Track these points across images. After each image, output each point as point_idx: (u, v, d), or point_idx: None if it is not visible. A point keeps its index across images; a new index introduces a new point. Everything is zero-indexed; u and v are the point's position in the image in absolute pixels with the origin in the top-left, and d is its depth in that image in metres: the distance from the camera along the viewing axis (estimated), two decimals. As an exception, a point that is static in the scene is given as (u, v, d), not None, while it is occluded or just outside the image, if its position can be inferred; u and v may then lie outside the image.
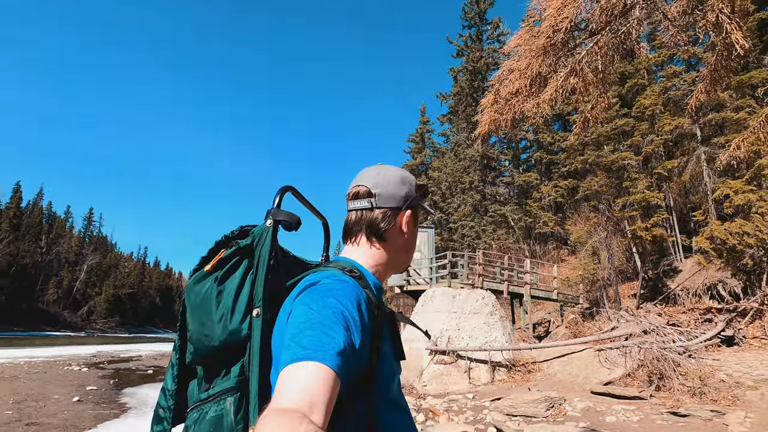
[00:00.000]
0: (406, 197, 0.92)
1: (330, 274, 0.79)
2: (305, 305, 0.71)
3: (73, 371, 14.21)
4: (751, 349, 9.23)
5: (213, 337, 0.78)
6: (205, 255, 0.87)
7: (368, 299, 0.79)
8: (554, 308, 16.47)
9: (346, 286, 0.76)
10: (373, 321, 0.77)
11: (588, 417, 7.21)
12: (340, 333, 0.66)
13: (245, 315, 0.78)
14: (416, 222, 0.96)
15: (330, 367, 0.61)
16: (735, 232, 10.32)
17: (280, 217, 0.83)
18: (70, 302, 60.83)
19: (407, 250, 0.96)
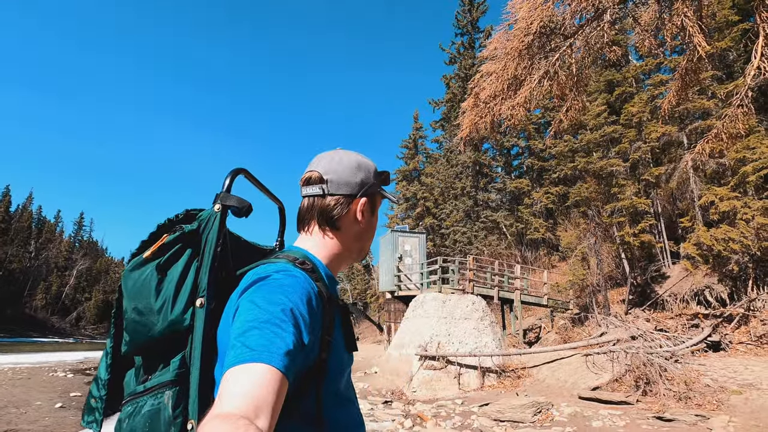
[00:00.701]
0: (361, 184, 0.88)
1: (280, 268, 0.76)
2: (252, 302, 0.68)
3: (58, 377, 13.98)
4: (736, 354, 9.30)
5: (151, 327, 0.74)
6: (145, 239, 0.81)
7: (319, 293, 0.76)
8: (545, 314, 16.51)
9: (296, 281, 0.73)
10: (324, 315, 0.75)
11: (574, 422, 7.21)
12: (289, 332, 0.64)
13: (188, 305, 0.74)
14: (373, 210, 0.93)
15: (278, 369, 0.59)
16: (720, 239, 10.45)
17: (230, 203, 0.78)
18: (59, 308, 59.97)
19: (363, 239, 0.92)
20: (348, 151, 0.91)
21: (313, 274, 0.79)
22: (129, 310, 0.76)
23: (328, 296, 0.79)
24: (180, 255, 0.77)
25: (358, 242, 0.92)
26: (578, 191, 15.04)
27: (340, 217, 0.87)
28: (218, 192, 0.81)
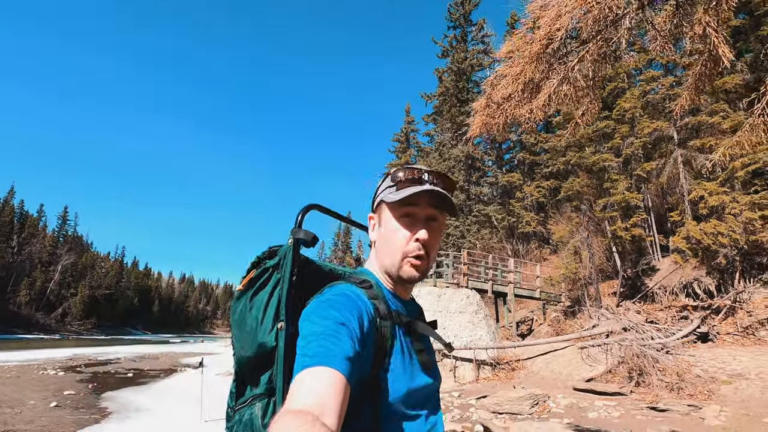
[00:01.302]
0: (372, 200, 0.97)
1: (336, 289, 0.83)
2: (309, 320, 0.76)
3: (49, 375, 13.78)
4: (724, 345, 9.59)
5: (247, 349, 0.86)
6: (244, 275, 0.94)
7: (375, 310, 0.83)
8: (537, 306, 16.77)
9: (348, 299, 0.80)
10: (377, 332, 0.81)
11: (571, 413, 7.37)
12: (344, 341, 0.71)
13: (272, 328, 0.84)
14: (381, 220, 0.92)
15: (339, 371, 0.65)
16: (710, 233, 10.69)
17: (299, 236, 0.88)
18: (44, 304, 58.89)
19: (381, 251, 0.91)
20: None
21: (371, 291, 0.86)
22: (234, 335, 0.92)
23: (385, 314, 0.84)
24: (264, 286, 0.90)
25: (380, 256, 0.92)
26: (571, 185, 15.21)
27: (370, 233, 0.97)
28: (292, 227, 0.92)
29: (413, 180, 0.88)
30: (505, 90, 2.99)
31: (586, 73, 2.58)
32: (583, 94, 2.70)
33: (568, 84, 2.56)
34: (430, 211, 0.88)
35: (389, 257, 0.89)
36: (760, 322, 9.82)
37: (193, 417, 7.55)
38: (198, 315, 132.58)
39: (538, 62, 2.70)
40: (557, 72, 2.57)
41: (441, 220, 0.90)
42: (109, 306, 71.64)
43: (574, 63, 2.49)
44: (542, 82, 2.78)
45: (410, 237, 0.87)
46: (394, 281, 0.91)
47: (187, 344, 42.99)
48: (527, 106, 2.76)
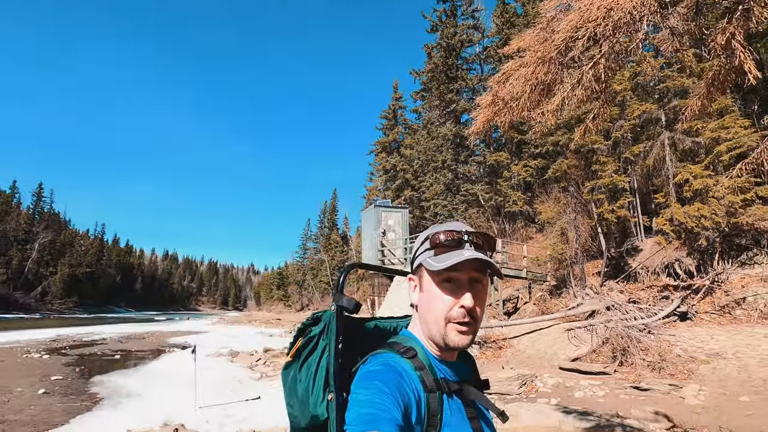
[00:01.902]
0: (411, 261, 0.94)
1: (381, 360, 0.82)
2: (355, 394, 0.76)
3: (34, 359, 13.60)
4: (702, 324, 9.98)
5: (300, 420, 0.88)
6: (291, 341, 0.95)
7: (422, 382, 0.81)
8: (523, 285, 17.13)
9: (391, 371, 0.78)
10: (426, 407, 0.79)
11: (558, 393, 7.64)
12: (392, 408, 0.70)
13: (323, 398, 0.84)
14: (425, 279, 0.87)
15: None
16: (693, 215, 10.95)
17: (341, 303, 0.87)
18: (22, 283, 57.67)
19: (424, 315, 0.87)
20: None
21: (416, 361, 0.83)
22: (287, 404, 0.91)
23: (432, 386, 0.81)
24: (311, 354, 0.89)
25: (425, 321, 0.87)
26: (559, 166, 15.30)
27: (411, 297, 0.93)
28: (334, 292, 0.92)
29: (453, 243, 0.85)
30: (514, 89, 2.90)
31: (599, 76, 2.50)
32: (596, 97, 2.63)
33: (582, 88, 2.49)
34: (474, 274, 0.84)
35: (434, 324, 0.85)
36: (737, 302, 10.24)
37: (186, 402, 7.56)
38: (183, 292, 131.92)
39: (551, 64, 2.60)
40: (571, 76, 2.49)
41: (485, 281, 0.87)
42: (90, 284, 70.62)
43: (589, 67, 2.40)
44: (554, 85, 2.69)
45: (454, 303, 0.83)
46: (440, 348, 0.87)
47: (173, 322, 42.84)
48: (538, 109, 2.68)
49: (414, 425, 0.74)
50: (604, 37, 2.35)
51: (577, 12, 2.09)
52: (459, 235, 0.86)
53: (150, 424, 6.37)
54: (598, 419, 5.68)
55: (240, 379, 10.70)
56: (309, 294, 56.82)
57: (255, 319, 44.48)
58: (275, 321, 39.88)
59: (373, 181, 32.80)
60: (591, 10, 1.99)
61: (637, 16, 2.18)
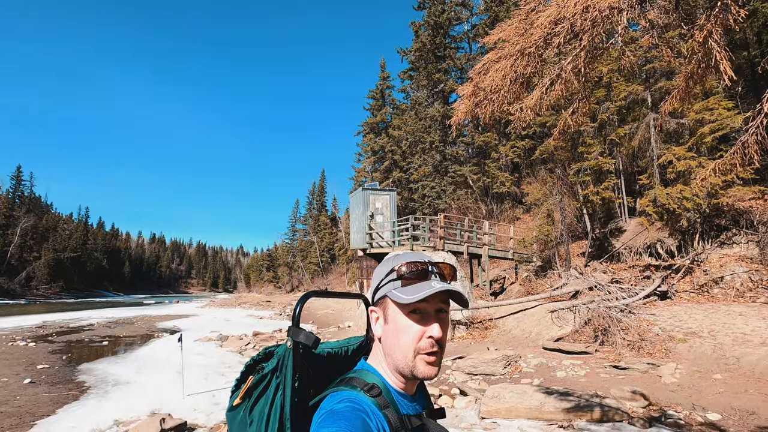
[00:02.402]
0: (373, 293, 0.91)
1: (343, 397, 0.79)
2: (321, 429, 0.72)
3: (19, 347, 13.47)
4: (681, 303, 10.27)
5: None
6: (238, 377, 0.90)
7: (386, 422, 0.79)
8: (510, 266, 17.39)
9: (356, 409, 0.76)
10: None
11: (541, 373, 7.84)
12: None
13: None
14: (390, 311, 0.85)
15: None
16: (675, 197, 11.12)
17: (299, 339, 0.84)
18: (5, 268, 56.71)
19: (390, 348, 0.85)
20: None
21: (381, 399, 0.81)
22: None
23: (397, 425, 0.80)
24: (263, 393, 0.85)
25: (390, 354, 0.85)
26: (546, 147, 15.33)
27: (374, 329, 0.90)
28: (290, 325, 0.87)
29: (419, 274, 0.85)
30: (494, 81, 2.84)
31: (579, 70, 2.45)
32: (575, 91, 2.59)
33: (560, 83, 2.44)
34: (440, 305, 0.84)
35: (402, 356, 0.83)
36: (715, 281, 10.53)
37: (174, 390, 7.59)
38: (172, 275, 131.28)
39: (531, 58, 2.54)
40: (549, 71, 2.44)
41: (448, 309, 0.87)
42: (76, 269, 69.80)
43: (568, 62, 2.35)
44: (534, 78, 2.64)
45: (422, 333, 0.82)
46: (407, 379, 0.86)
47: (162, 306, 42.71)
48: (517, 104, 2.63)
49: None
50: (582, 31, 2.30)
51: (555, 6, 2.03)
52: (425, 266, 0.85)
53: (137, 414, 6.40)
54: (578, 399, 5.85)
55: (229, 365, 10.76)
56: (299, 275, 56.98)
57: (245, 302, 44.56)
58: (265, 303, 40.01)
59: (361, 162, 32.57)
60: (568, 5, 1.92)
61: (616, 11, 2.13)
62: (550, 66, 2.44)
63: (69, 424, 6.11)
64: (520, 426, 5.36)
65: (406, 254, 0.89)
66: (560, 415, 5.51)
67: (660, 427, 5.11)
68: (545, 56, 2.44)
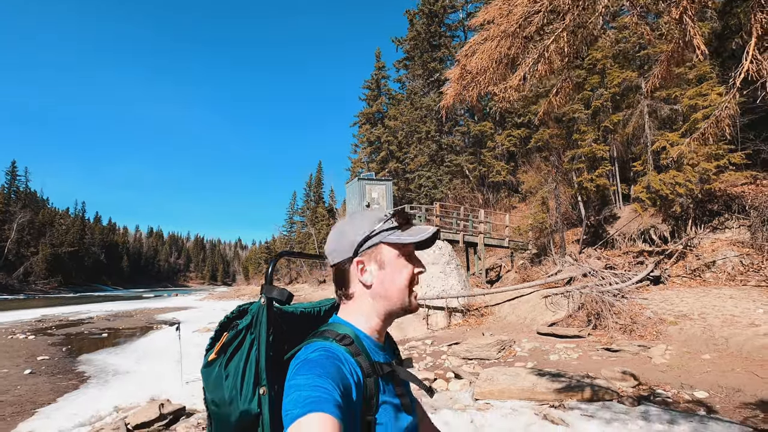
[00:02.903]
0: (349, 246, 0.91)
1: (317, 346, 0.82)
2: (293, 380, 0.74)
3: (19, 340, 13.55)
4: (673, 287, 10.41)
5: (228, 417, 0.84)
6: (212, 336, 0.92)
7: (359, 368, 0.81)
8: (505, 254, 17.51)
9: (330, 356, 0.79)
10: (364, 392, 0.81)
11: (535, 356, 7.98)
12: (335, 391, 0.70)
13: (254, 394, 0.83)
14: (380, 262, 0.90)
15: (331, 415, 0.64)
16: (668, 182, 11.20)
17: (272, 295, 0.87)
18: (3, 264, 56.58)
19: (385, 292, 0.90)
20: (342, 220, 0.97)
21: (353, 348, 0.84)
22: (209, 401, 0.88)
23: (369, 370, 0.83)
24: (238, 349, 0.87)
25: (385, 297, 0.90)
26: (541, 136, 15.36)
27: (347, 283, 0.92)
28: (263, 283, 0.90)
29: (409, 221, 0.95)
30: (480, 63, 2.88)
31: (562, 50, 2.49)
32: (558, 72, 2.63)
33: (543, 63, 2.48)
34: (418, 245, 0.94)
35: (399, 295, 0.90)
36: (707, 265, 10.66)
37: (173, 378, 7.70)
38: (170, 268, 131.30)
39: (514, 38, 2.58)
40: (532, 51, 2.48)
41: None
42: (74, 263, 69.74)
43: (550, 42, 2.39)
44: (518, 59, 2.68)
45: (413, 270, 0.91)
46: (394, 317, 0.93)
47: (161, 299, 42.86)
48: (501, 85, 2.67)
49: (353, 408, 0.76)
50: (564, 10, 2.33)
51: (534, -15, 2.07)
52: (409, 216, 0.98)
53: (137, 400, 6.50)
54: (569, 380, 5.97)
55: (228, 353, 10.87)
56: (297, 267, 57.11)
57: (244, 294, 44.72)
58: (264, 295, 40.08)
59: (357, 153, 32.52)
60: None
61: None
62: (533, 46, 2.48)
63: (70, 411, 6.20)
64: (513, 406, 5.48)
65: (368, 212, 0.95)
66: (552, 396, 5.63)
67: (648, 405, 5.23)
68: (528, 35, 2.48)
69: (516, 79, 2.53)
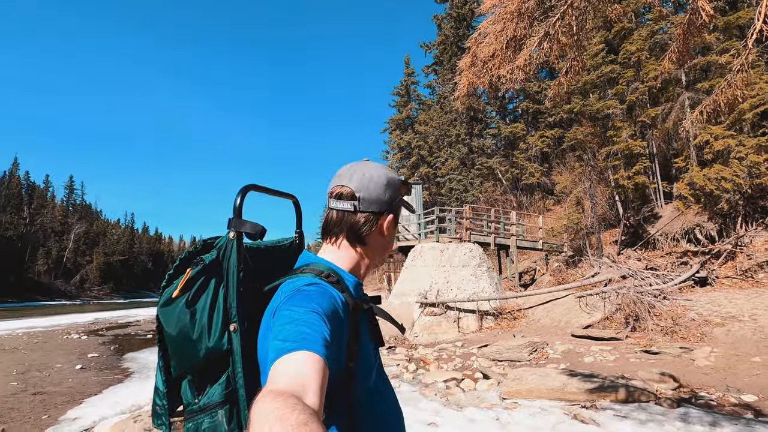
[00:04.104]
0: (389, 200, 0.92)
1: (307, 281, 0.80)
2: (287, 310, 0.72)
3: (73, 339, 14.50)
4: (722, 289, 9.76)
5: (194, 355, 0.81)
6: (171, 272, 0.86)
7: (345, 303, 0.80)
8: (540, 257, 17.01)
9: (324, 291, 0.77)
10: (351, 324, 0.80)
11: (568, 358, 7.69)
12: (324, 328, 0.68)
13: (223, 331, 0.81)
14: (396, 223, 0.97)
15: (318, 354, 0.63)
16: (713, 178, 10.56)
17: (244, 229, 0.84)
18: (62, 271, 60.79)
19: (386, 249, 0.97)
20: (377, 166, 0.94)
21: (339, 286, 0.82)
22: (170, 339, 0.83)
23: (354, 305, 0.82)
24: (206, 286, 0.83)
25: (382, 253, 0.97)
26: (574, 134, 14.90)
27: (369, 234, 0.90)
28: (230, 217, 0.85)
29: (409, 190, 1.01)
30: (489, 48, 2.89)
31: (569, 28, 2.47)
32: (569, 49, 2.60)
33: (549, 41, 2.47)
34: None
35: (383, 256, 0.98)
36: (759, 265, 9.92)
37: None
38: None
39: (520, 19, 2.59)
40: (538, 30, 2.47)
41: None
42: (125, 271, 73.80)
43: (556, 19, 2.38)
44: (524, 41, 2.68)
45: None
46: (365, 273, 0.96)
47: (203, 304, 44.43)
48: (509, 65, 2.67)
49: (341, 343, 0.75)
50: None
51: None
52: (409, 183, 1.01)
53: (174, 393, 6.82)
54: (602, 381, 5.73)
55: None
56: (331, 274, 57.77)
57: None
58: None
59: (388, 159, 32.70)
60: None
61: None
62: (537, 25, 2.48)
63: (113, 400, 6.60)
64: (541, 406, 5.31)
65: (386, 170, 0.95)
66: (583, 396, 5.42)
67: (689, 407, 4.93)
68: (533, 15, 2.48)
69: (522, 59, 2.52)
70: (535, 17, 2.61)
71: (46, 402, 6.76)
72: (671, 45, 2.72)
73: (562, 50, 2.69)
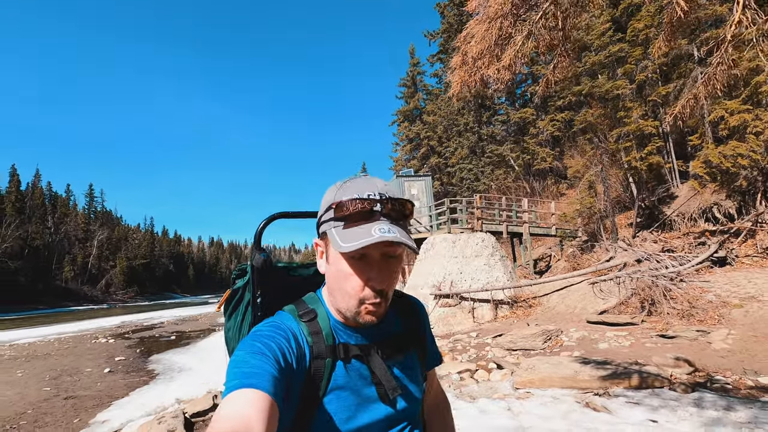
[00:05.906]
0: (317, 225, 0.82)
1: (273, 320, 0.80)
2: (236, 352, 0.72)
3: (101, 343, 15.05)
4: (741, 268, 9.55)
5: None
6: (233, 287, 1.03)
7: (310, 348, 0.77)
8: (554, 243, 16.85)
9: (275, 331, 0.75)
10: (308, 371, 0.76)
11: (582, 345, 7.67)
12: (270, 364, 0.67)
13: None
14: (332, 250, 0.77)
15: (263, 391, 0.61)
16: (729, 155, 10.28)
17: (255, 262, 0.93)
18: (88, 277, 62.74)
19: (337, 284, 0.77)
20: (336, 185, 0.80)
21: (312, 325, 0.80)
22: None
23: (322, 352, 0.77)
24: (238, 305, 0.98)
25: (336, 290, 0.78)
26: (583, 117, 14.64)
27: (318, 262, 0.85)
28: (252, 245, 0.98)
29: (363, 215, 0.73)
30: (476, 48, 2.91)
31: (553, 26, 2.47)
32: (553, 47, 2.60)
33: (534, 40, 2.47)
34: (386, 249, 0.74)
35: (343, 302, 0.77)
36: (781, 242, 9.67)
37: (231, 373, 8.26)
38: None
39: (504, 18, 2.60)
40: (521, 30, 2.47)
41: (400, 251, 0.76)
42: (147, 274, 75.77)
43: (538, 18, 2.38)
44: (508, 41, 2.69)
45: (365, 283, 0.74)
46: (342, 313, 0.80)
47: (224, 303, 45.35)
48: (495, 66, 2.68)
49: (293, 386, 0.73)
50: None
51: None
52: (368, 204, 0.72)
53: (196, 393, 7.06)
54: (615, 367, 5.72)
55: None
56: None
57: (299, 296, 46.25)
58: (317, 296, 41.33)
59: (398, 151, 32.64)
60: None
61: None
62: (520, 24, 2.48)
63: (139, 402, 6.90)
64: (554, 394, 5.35)
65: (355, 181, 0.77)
66: (596, 383, 5.43)
67: (703, 391, 4.90)
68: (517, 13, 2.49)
69: (507, 59, 2.53)
70: (519, 16, 2.62)
71: (77, 406, 7.09)
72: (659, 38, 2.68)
73: (549, 46, 2.68)
